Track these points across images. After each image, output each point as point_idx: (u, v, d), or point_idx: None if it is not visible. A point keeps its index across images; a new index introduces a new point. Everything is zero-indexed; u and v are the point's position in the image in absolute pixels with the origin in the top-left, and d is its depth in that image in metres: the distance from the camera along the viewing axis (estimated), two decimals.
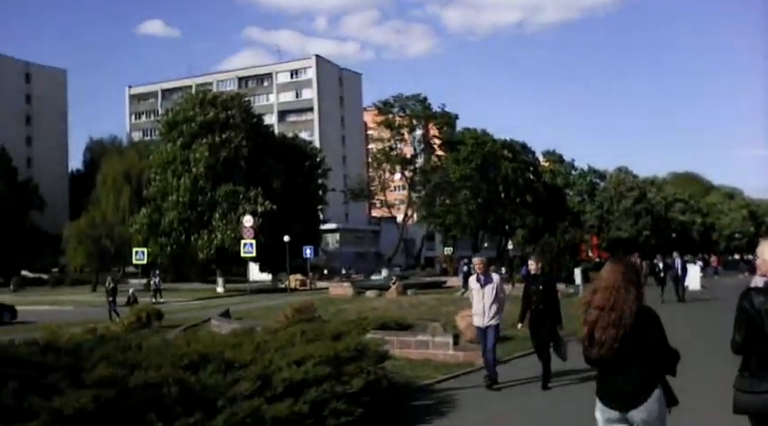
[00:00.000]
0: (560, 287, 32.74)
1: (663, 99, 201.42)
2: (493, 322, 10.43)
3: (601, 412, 4.39)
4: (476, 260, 11.30)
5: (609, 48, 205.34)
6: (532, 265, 11.12)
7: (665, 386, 4.32)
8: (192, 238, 51.31)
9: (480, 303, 10.47)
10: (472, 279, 10.94)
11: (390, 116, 77.52)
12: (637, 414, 4.22)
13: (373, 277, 47.38)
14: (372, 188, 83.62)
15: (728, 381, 4.47)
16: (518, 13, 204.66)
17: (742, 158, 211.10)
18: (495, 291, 10.45)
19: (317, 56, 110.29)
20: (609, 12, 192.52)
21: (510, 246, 71.74)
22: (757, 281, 13.12)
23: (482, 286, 10.50)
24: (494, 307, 10.41)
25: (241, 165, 53.27)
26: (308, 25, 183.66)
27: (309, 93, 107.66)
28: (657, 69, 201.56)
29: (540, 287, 10.44)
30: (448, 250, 76.07)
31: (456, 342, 12.97)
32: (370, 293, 32.58)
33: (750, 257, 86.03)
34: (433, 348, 13.04)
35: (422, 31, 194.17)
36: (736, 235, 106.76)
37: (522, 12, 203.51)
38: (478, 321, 10.60)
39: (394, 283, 34.14)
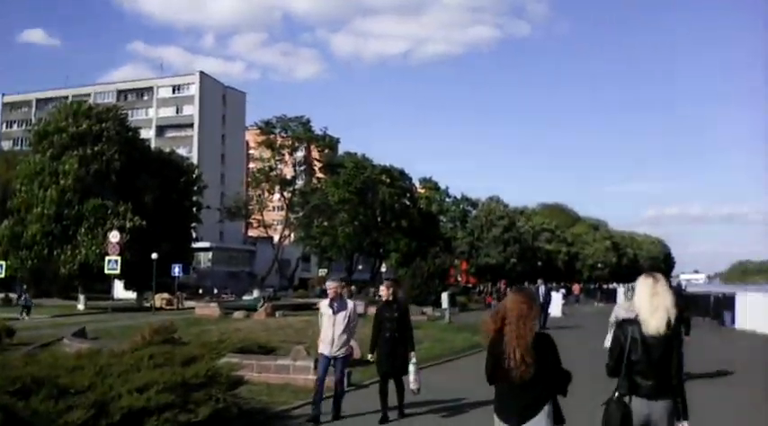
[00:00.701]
0: (428, 310, 33.59)
1: (535, 134, 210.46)
2: (341, 352, 9.78)
3: None
4: (329, 283, 10.27)
5: (488, 82, 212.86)
6: (384, 291, 10.29)
7: (555, 405, 4.73)
8: (56, 253, 48.95)
9: (330, 330, 9.74)
10: (324, 304, 10.11)
11: (272, 136, 77.10)
12: None
13: (245, 297, 46.66)
14: (250, 207, 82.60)
15: (599, 400, 4.98)
16: (405, 44, 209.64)
17: (608, 193, 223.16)
18: (347, 319, 9.75)
19: (201, 72, 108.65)
20: (492, 48, 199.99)
21: (384, 269, 72.57)
22: (618, 312, 13.57)
23: (334, 312, 9.77)
24: (344, 337, 9.76)
25: (112, 179, 51.38)
26: (195, 42, 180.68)
27: (191, 109, 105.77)
28: (531, 105, 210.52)
29: (396, 314, 9.90)
30: (323, 271, 76.14)
31: (317, 367, 12.85)
32: (237, 314, 31.90)
33: (609, 286, 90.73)
34: (294, 372, 12.79)
35: (310, 55, 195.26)
36: (599, 265, 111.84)
37: (408, 42, 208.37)
38: (325, 349, 9.82)
39: (262, 305, 33.70)
